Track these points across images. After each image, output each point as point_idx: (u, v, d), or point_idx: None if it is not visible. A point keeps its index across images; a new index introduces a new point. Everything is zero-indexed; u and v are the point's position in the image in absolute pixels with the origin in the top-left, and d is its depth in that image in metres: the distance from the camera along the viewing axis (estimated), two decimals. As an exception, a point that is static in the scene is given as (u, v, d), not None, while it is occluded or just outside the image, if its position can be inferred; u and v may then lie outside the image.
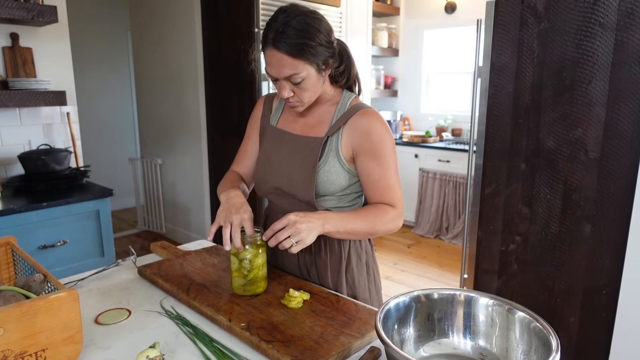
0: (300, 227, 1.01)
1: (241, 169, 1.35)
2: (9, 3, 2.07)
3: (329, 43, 1.11)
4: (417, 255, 3.92)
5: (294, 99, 1.14)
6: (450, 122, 4.59)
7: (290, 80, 1.09)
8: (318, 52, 1.08)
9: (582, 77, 1.66)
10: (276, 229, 1.03)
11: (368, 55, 3.99)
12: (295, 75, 1.08)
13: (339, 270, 1.23)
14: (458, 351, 0.87)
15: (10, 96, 2.16)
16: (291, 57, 1.06)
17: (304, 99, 1.14)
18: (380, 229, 1.14)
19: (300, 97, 1.13)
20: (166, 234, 4.31)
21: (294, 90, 1.12)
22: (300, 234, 1.01)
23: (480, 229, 2.03)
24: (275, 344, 0.88)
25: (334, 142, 1.17)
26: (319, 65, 1.10)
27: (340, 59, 1.20)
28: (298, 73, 1.08)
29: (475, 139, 2.02)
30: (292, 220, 1.02)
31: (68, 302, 0.81)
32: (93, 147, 4.73)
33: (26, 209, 2.00)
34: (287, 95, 1.12)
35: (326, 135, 1.17)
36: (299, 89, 1.11)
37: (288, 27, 1.05)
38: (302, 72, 1.08)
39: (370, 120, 1.15)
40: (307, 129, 1.22)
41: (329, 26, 1.12)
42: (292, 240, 1.01)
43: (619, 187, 1.62)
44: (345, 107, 1.19)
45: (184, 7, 3.61)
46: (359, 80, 1.28)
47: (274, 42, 1.06)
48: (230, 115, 3.44)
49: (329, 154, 1.16)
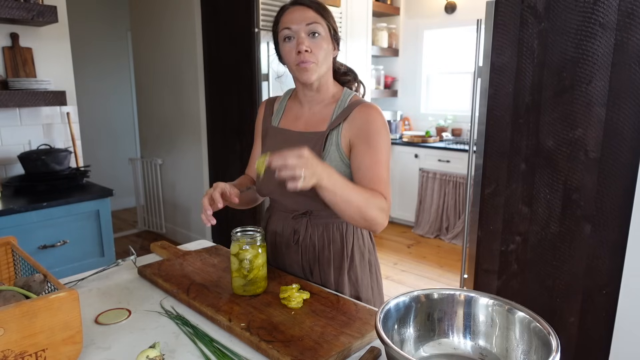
0: (307, 165, 0.93)
1: (251, 172, 1.39)
2: (9, 3, 2.07)
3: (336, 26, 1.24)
4: (417, 255, 3.92)
5: (310, 56, 1.15)
6: (450, 122, 4.59)
7: (310, 29, 1.16)
8: (333, 19, 1.20)
9: (582, 77, 1.66)
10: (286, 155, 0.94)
11: (368, 55, 3.99)
12: (315, 24, 1.15)
13: (341, 268, 1.23)
14: (458, 351, 0.87)
15: (10, 96, 2.16)
16: (314, 11, 1.17)
17: (319, 57, 1.17)
18: (370, 211, 1.06)
19: (316, 53, 1.16)
20: (166, 234, 4.31)
21: (311, 46, 1.16)
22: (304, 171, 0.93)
23: (480, 229, 2.03)
24: (275, 344, 0.88)
25: (334, 136, 1.18)
26: (333, 31, 1.20)
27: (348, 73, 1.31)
28: (319, 23, 1.16)
29: (475, 139, 2.02)
30: (304, 155, 0.94)
31: (68, 302, 0.81)
32: (93, 147, 4.73)
33: (26, 209, 2.00)
34: (306, 48, 1.15)
35: (328, 129, 1.18)
36: (315, 45, 1.16)
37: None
38: (322, 24, 1.17)
39: (370, 112, 1.17)
40: (308, 126, 1.23)
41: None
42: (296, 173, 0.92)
43: (618, 187, 1.62)
44: (346, 103, 1.21)
45: (184, 7, 3.61)
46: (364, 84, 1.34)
47: (298, 1, 1.18)
48: (230, 115, 3.44)
49: (330, 148, 1.17)
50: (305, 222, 1.23)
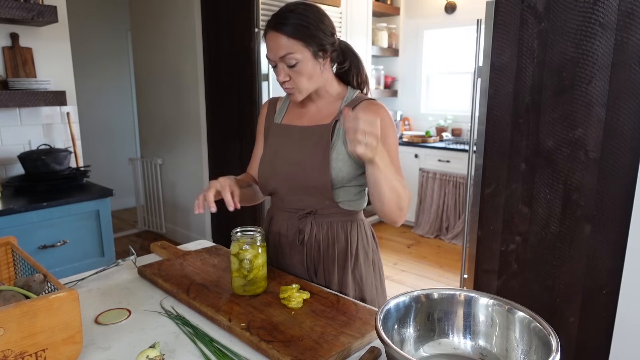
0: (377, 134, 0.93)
1: (252, 171, 1.37)
2: (9, 3, 2.07)
3: (329, 32, 1.14)
4: (417, 255, 3.92)
5: (290, 84, 1.15)
6: (450, 122, 4.59)
7: (285, 61, 1.11)
8: (315, 36, 1.11)
9: (582, 77, 1.66)
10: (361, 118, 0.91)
11: (368, 55, 3.99)
12: (289, 55, 1.10)
13: (346, 267, 1.23)
14: (458, 351, 0.87)
15: (10, 96, 2.16)
16: (287, 37, 1.10)
17: (300, 85, 1.15)
18: (403, 202, 1.09)
19: (296, 82, 1.14)
20: (166, 234, 4.31)
21: (290, 74, 1.14)
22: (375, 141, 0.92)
23: (480, 229, 2.03)
24: (275, 344, 0.88)
25: (341, 129, 1.17)
26: (315, 50, 1.12)
27: (344, 56, 1.23)
28: (293, 54, 1.10)
29: (475, 139, 2.02)
30: (377, 125, 0.92)
31: (68, 302, 0.81)
32: (93, 147, 4.73)
33: (26, 209, 2.00)
34: (283, 79, 1.14)
35: (334, 120, 1.18)
36: (295, 73, 1.13)
37: (289, 13, 1.11)
38: (297, 53, 1.10)
39: (377, 110, 1.17)
40: (313, 121, 1.23)
41: (331, 22, 1.17)
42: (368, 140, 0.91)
43: (618, 187, 1.62)
44: (352, 98, 1.22)
45: (184, 7, 3.61)
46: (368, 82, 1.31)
47: (274, 25, 1.11)
48: (230, 115, 3.44)
49: (337, 142, 1.17)
50: (310, 222, 1.22)
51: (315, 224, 1.22)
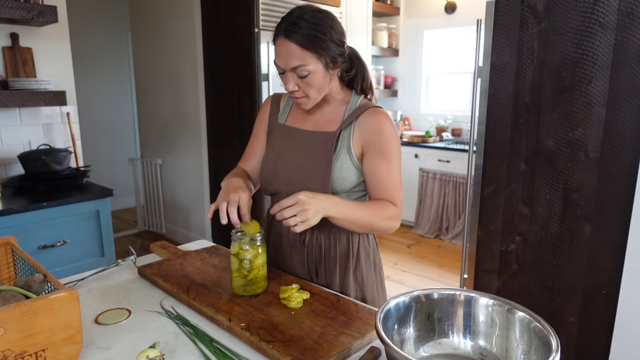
0: (307, 208, 1.01)
1: (248, 167, 1.34)
2: (9, 3, 2.07)
3: (340, 42, 1.12)
4: (417, 255, 3.92)
5: (299, 94, 1.14)
6: (450, 122, 4.59)
7: (297, 72, 1.09)
8: (328, 48, 1.09)
9: (582, 77, 1.66)
10: (284, 205, 1.01)
11: (368, 55, 3.99)
12: (302, 67, 1.08)
13: (347, 268, 1.23)
14: (458, 351, 0.87)
15: (10, 96, 2.16)
16: (300, 48, 1.07)
17: (310, 94, 1.14)
18: (379, 224, 1.15)
19: (306, 91, 1.13)
20: (166, 234, 4.31)
21: (300, 84, 1.12)
22: (307, 214, 1.00)
23: (480, 229, 2.03)
24: (275, 344, 0.88)
25: (345, 138, 1.17)
26: (327, 61, 1.10)
27: (352, 63, 1.23)
28: (305, 65, 1.08)
29: (475, 139, 2.02)
30: (301, 200, 1.01)
31: (68, 302, 0.81)
32: (93, 147, 4.73)
33: (26, 209, 2.00)
34: (292, 89, 1.12)
35: (339, 129, 1.17)
36: (305, 84, 1.11)
37: (301, 20, 1.07)
38: (310, 65, 1.08)
39: (381, 119, 1.16)
40: (317, 126, 1.23)
41: (341, 28, 1.15)
42: (298, 219, 1.00)
43: (619, 187, 1.62)
44: (356, 105, 1.21)
45: (184, 7, 3.61)
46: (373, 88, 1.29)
47: (285, 32, 1.07)
48: (230, 115, 3.44)
49: (341, 151, 1.17)
50: None
51: (316, 225, 1.22)
